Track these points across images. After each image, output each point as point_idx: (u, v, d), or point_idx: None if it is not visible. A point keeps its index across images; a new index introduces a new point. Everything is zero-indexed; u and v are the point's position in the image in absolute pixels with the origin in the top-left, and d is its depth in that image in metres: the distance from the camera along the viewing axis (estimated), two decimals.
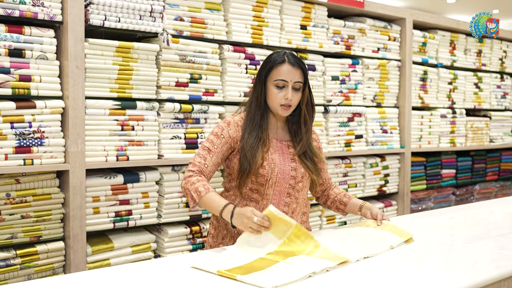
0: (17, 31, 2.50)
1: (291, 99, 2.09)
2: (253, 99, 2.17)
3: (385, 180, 4.14)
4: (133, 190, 2.87)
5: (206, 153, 2.08)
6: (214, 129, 2.14)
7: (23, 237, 2.56)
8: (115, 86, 2.80)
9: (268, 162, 2.10)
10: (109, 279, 1.63)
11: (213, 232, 2.26)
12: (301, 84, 2.13)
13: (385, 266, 1.79)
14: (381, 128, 4.06)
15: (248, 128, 2.12)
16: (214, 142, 2.10)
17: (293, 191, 2.15)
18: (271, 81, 2.12)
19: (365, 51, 3.93)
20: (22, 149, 2.51)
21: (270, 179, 2.10)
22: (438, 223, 2.66)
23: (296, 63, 2.11)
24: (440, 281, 1.61)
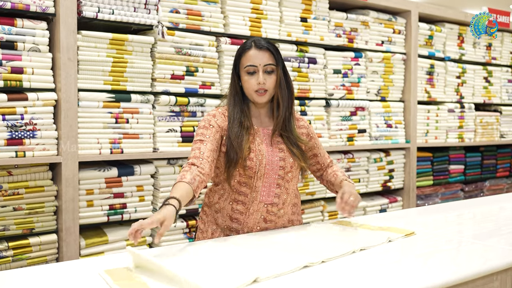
0: (9, 23, 2.50)
1: (263, 83, 2.04)
2: (231, 91, 2.15)
3: (389, 176, 4.07)
4: (127, 183, 2.86)
5: (199, 144, 2.01)
6: (200, 123, 2.10)
7: (15, 229, 2.57)
8: (109, 79, 2.78)
9: (256, 154, 2.05)
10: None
11: (202, 227, 2.23)
12: (273, 67, 2.07)
13: (390, 263, 1.73)
14: (385, 122, 3.99)
15: (231, 117, 2.08)
16: (204, 133, 2.04)
17: (282, 182, 2.11)
18: (242, 69, 2.09)
19: (369, 44, 3.86)
20: (14, 141, 2.51)
21: (258, 171, 2.05)
22: (445, 219, 2.58)
23: (263, 46, 2.07)
24: (448, 278, 1.54)
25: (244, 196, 2.09)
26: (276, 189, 2.10)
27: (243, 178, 2.07)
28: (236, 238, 1.99)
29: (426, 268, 1.67)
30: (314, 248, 1.79)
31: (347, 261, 1.70)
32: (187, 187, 1.83)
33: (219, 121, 2.08)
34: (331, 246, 1.81)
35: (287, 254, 1.69)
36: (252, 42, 2.09)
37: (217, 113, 2.12)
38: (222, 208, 2.13)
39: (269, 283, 1.44)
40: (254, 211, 2.09)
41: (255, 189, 2.08)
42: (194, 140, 2.05)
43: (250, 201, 2.08)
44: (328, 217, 3.73)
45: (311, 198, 3.64)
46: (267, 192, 2.09)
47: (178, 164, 3.03)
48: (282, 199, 2.13)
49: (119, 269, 1.54)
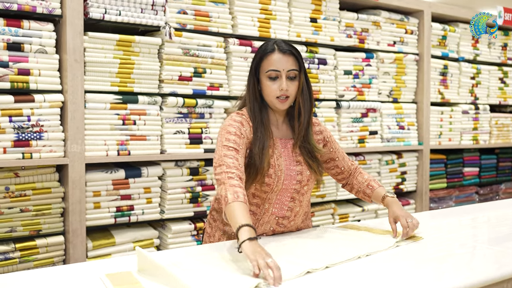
0: (15, 24, 2.51)
1: (286, 89, 1.92)
2: (250, 96, 2.00)
3: (402, 178, 4.00)
4: (134, 185, 2.85)
5: (235, 154, 1.82)
6: (229, 128, 1.89)
7: (22, 230, 2.57)
8: (116, 80, 2.78)
9: (275, 170, 1.94)
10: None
11: (210, 231, 2.17)
12: (296, 72, 1.95)
13: (402, 267, 1.68)
14: (397, 124, 3.93)
15: (254, 127, 1.95)
16: (238, 142, 1.85)
17: (297, 195, 2.02)
18: (263, 73, 1.95)
19: (380, 45, 3.81)
20: (21, 142, 2.51)
21: (275, 187, 1.96)
22: (459, 222, 2.50)
23: (287, 50, 1.95)
24: (461, 283, 1.49)
25: (256, 207, 2.00)
26: (289, 203, 2.01)
27: (258, 192, 1.98)
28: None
29: (439, 272, 1.62)
30: (318, 253, 1.74)
31: (356, 266, 1.65)
32: (247, 208, 1.69)
33: (247, 132, 1.93)
34: (336, 251, 1.76)
35: (291, 259, 1.65)
36: (274, 45, 1.96)
37: (244, 121, 1.95)
38: None
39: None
40: (264, 223, 2.03)
41: (268, 201, 1.99)
42: (227, 145, 1.83)
43: (261, 212, 2.00)
44: (339, 219, 3.68)
45: (321, 200, 3.59)
46: (280, 205, 2.01)
47: (186, 166, 3.01)
48: (295, 212, 2.05)
49: (121, 273, 1.52)
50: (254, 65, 1.99)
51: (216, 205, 2.14)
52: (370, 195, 2.16)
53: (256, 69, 1.99)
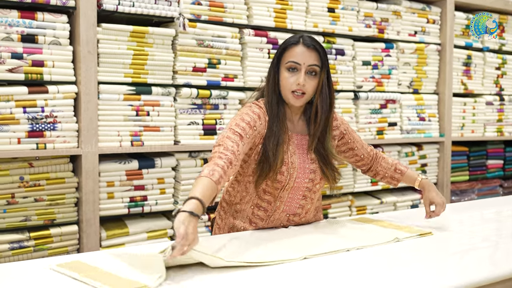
0: (29, 16, 2.53)
1: (303, 85, 1.85)
2: (268, 87, 1.96)
3: (422, 170, 3.94)
4: (148, 175, 2.86)
5: (238, 139, 1.77)
6: (244, 116, 1.86)
7: (36, 220, 2.61)
8: (130, 71, 2.78)
9: (288, 167, 1.91)
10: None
11: (220, 222, 2.16)
12: (317, 69, 1.87)
13: (423, 259, 1.65)
14: (418, 115, 3.85)
15: (270, 121, 1.90)
16: (246, 131, 1.81)
17: (309, 193, 1.99)
18: (283, 65, 1.90)
19: (401, 35, 3.73)
20: (35, 133, 2.55)
21: (287, 185, 1.93)
22: (482, 216, 2.46)
23: (311, 45, 1.88)
24: (484, 277, 1.47)
25: (267, 204, 1.97)
26: (301, 201, 1.99)
27: (270, 188, 1.95)
28: (239, 234, 1.95)
29: (461, 266, 1.59)
30: (301, 243, 1.74)
31: (377, 255, 1.65)
32: (215, 193, 1.62)
33: (261, 126, 1.88)
34: (324, 243, 1.75)
35: (272, 249, 1.65)
36: (300, 38, 1.90)
37: (262, 114, 1.90)
38: (243, 210, 2.02)
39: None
40: (275, 219, 2.01)
41: (280, 199, 1.96)
42: (233, 129, 1.80)
43: (272, 209, 1.98)
44: (356, 212, 3.64)
45: (338, 192, 3.56)
46: (291, 203, 1.98)
47: (200, 157, 3.01)
48: (306, 209, 2.03)
49: (72, 262, 1.48)
50: (276, 56, 1.94)
51: (226, 197, 2.13)
52: (400, 179, 2.15)
53: (278, 60, 1.93)
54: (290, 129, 1.96)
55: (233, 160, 1.71)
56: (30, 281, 1.37)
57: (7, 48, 2.49)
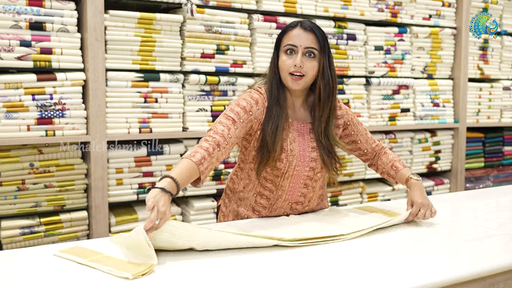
0: (37, 4, 2.55)
1: (300, 66, 1.84)
2: (270, 72, 1.95)
3: (436, 157, 3.88)
4: (156, 162, 2.88)
5: (230, 123, 1.79)
6: (241, 101, 1.87)
7: (46, 205, 2.65)
8: (138, 58, 2.79)
9: (287, 154, 1.90)
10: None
11: (224, 210, 2.16)
12: (315, 51, 1.86)
13: (436, 247, 1.65)
14: (431, 101, 3.79)
15: (269, 106, 1.89)
16: (240, 115, 1.82)
17: (311, 182, 1.97)
18: (282, 48, 1.90)
19: (414, 19, 3.67)
20: (44, 120, 2.58)
21: (286, 172, 1.92)
22: (497, 203, 2.41)
23: (308, 27, 1.87)
24: (498, 264, 1.45)
25: (269, 192, 1.97)
26: (303, 189, 1.97)
27: (270, 176, 1.94)
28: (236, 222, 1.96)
29: (475, 253, 1.57)
30: (294, 228, 1.76)
31: (388, 240, 1.64)
32: (196, 174, 1.64)
33: (259, 111, 1.88)
34: (318, 228, 1.75)
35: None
36: (298, 23, 1.91)
37: (260, 99, 1.90)
38: (246, 198, 2.02)
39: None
40: (278, 208, 2.00)
41: (281, 187, 1.95)
42: (227, 114, 1.82)
43: (274, 197, 1.97)
44: (368, 199, 3.62)
45: (349, 179, 3.54)
46: (293, 191, 1.97)
47: None
48: (308, 197, 2.01)
49: (73, 248, 1.49)
50: (276, 41, 1.94)
51: (230, 185, 2.13)
52: (394, 176, 2.09)
53: (277, 45, 1.93)
54: (290, 116, 1.94)
55: (221, 143, 1.71)
56: (36, 267, 1.38)
57: (16, 36, 2.51)
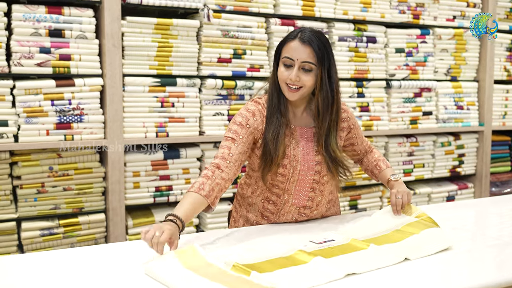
0: (56, 12, 2.61)
1: (294, 80, 1.83)
2: (270, 81, 1.96)
3: (459, 161, 3.81)
4: (173, 166, 2.92)
5: (230, 143, 1.84)
6: (237, 118, 1.90)
7: (65, 208, 2.72)
8: (155, 64, 2.83)
9: (290, 160, 1.91)
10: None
11: (235, 215, 2.18)
12: (312, 66, 1.84)
13: (459, 252, 1.63)
14: (455, 104, 3.72)
15: (268, 114, 1.90)
16: (238, 132, 1.86)
17: (317, 185, 1.97)
18: (281, 59, 1.90)
19: (438, 20, 3.60)
20: (63, 125, 2.64)
21: (291, 177, 1.93)
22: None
23: (307, 41, 1.85)
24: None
25: (277, 197, 1.98)
26: (309, 193, 1.97)
27: (275, 181, 1.96)
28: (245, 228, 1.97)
29: (498, 260, 1.56)
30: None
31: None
32: (201, 201, 1.68)
33: (257, 122, 1.90)
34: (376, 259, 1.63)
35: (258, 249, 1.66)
36: (298, 33, 1.88)
37: (257, 111, 1.92)
38: (254, 203, 2.04)
39: None
40: (286, 213, 2.01)
41: (287, 192, 1.96)
42: (226, 136, 1.87)
43: (282, 202, 1.98)
44: (387, 203, 3.58)
45: (368, 183, 3.51)
46: (300, 196, 1.97)
47: None
48: (316, 201, 2.01)
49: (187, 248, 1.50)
50: (276, 50, 1.94)
51: (240, 190, 2.15)
52: (377, 175, 2.14)
53: (277, 54, 1.93)
54: (292, 122, 1.95)
55: (221, 164, 1.76)
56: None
57: (36, 43, 2.58)
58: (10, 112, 2.57)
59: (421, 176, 3.68)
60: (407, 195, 1.98)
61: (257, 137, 1.90)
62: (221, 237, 1.81)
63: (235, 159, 1.79)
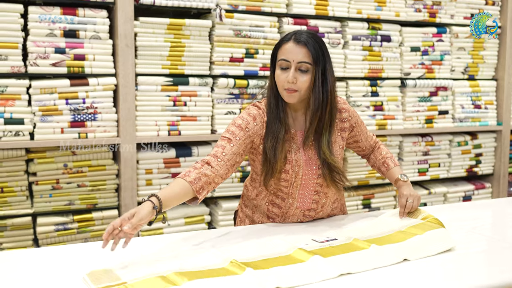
0: (71, 13, 2.68)
1: (292, 81, 1.82)
2: (268, 86, 1.96)
3: (476, 160, 3.77)
4: (185, 163, 2.96)
5: (225, 143, 1.84)
6: (237, 120, 1.90)
7: (79, 204, 2.80)
8: (167, 63, 2.88)
9: (292, 165, 1.91)
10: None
11: (241, 215, 2.20)
12: (308, 66, 1.82)
13: (476, 252, 1.66)
14: (472, 103, 3.68)
15: (268, 120, 1.90)
16: (236, 134, 1.86)
17: (321, 188, 1.98)
18: (277, 63, 1.89)
19: (455, 18, 3.56)
20: (77, 123, 2.72)
21: (294, 182, 1.94)
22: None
23: (302, 41, 1.84)
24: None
25: (281, 200, 2.00)
26: (314, 196, 1.98)
27: (279, 186, 1.97)
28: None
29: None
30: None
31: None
32: (185, 187, 1.70)
33: (257, 127, 1.90)
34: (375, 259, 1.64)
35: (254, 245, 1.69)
36: (293, 35, 1.88)
37: (258, 115, 1.92)
38: (259, 205, 2.06)
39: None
40: (291, 215, 2.02)
41: (291, 195, 1.97)
42: (222, 136, 1.87)
43: (286, 206, 2.00)
44: None
45: (382, 182, 3.50)
46: (304, 199, 1.98)
47: None
48: (321, 203, 2.02)
49: (101, 270, 1.48)
50: (272, 54, 1.94)
51: (245, 191, 2.17)
52: (385, 173, 2.14)
53: (273, 58, 1.92)
54: (293, 126, 1.95)
55: (211, 161, 1.77)
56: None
57: (51, 43, 2.66)
58: (26, 110, 2.65)
59: (436, 176, 3.65)
60: (417, 200, 1.99)
61: (257, 142, 1.90)
62: (224, 234, 1.84)
63: (228, 159, 1.80)
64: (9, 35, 2.59)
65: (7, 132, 2.60)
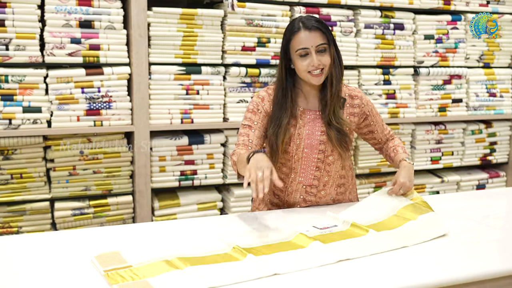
0: (86, 4, 2.74)
1: (318, 64, 1.97)
2: (278, 75, 2.09)
3: (491, 149, 3.75)
4: (198, 151, 3.03)
5: (247, 130, 2.02)
6: (249, 105, 2.09)
7: (95, 189, 2.89)
8: (180, 52, 2.93)
9: (294, 138, 2.05)
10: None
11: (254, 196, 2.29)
12: (326, 46, 1.99)
13: (489, 241, 1.71)
14: (487, 91, 3.66)
15: (273, 108, 2.05)
16: (252, 119, 2.04)
17: (322, 165, 2.08)
18: (294, 53, 2.00)
19: (470, 6, 3.53)
20: (92, 112, 2.80)
21: (295, 155, 2.06)
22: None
23: (312, 26, 1.97)
24: None
25: (285, 175, 2.11)
26: (315, 172, 2.08)
27: (282, 160, 2.09)
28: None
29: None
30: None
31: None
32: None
33: (267, 105, 2.06)
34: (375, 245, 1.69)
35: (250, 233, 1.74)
36: (300, 23, 2.00)
37: (266, 95, 2.09)
38: None
39: None
40: (293, 191, 2.11)
41: (294, 170, 2.09)
42: (243, 124, 2.04)
43: (289, 181, 2.10)
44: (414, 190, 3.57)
45: (393, 170, 3.49)
46: (306, 174, 2.08)
47: None
48: (323, 181, 2.10)
49: (109, 253, 1.53)
50: (283, 47, 2.05)
51: None
52: (393, 158, 2.20)
53: (286, 51, 2.04)
54: (303, 105, 2.09)
55: (247, 146, 1.98)
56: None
57: (67, 34, 2.73)
58: (44, 99, 2.73)
59: (449, 164, 3.65)
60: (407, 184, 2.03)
61: (267, 120, 2.06)
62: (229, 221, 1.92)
63: (255, 144, 1.99)
64: (26, 26, 2.67)
65: (26, 120, 2.69)
